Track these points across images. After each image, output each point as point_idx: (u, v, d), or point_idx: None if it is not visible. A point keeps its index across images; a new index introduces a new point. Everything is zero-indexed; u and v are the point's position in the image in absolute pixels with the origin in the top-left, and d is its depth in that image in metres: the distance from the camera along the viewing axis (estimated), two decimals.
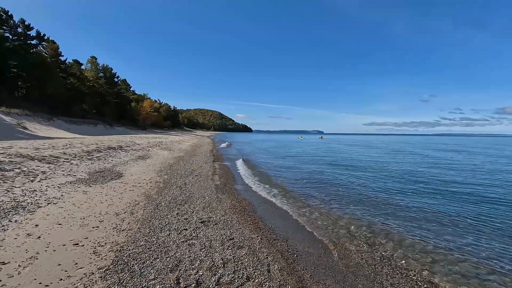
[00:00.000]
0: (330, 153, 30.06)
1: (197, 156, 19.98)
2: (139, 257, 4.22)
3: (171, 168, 13.52)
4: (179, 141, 36.48)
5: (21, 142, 16.01)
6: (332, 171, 15.66)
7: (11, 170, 8.64)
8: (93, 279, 3.53)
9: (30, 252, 4.05)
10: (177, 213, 6.53)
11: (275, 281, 3.82)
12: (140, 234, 5.11)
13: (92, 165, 11.69)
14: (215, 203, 7.59)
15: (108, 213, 6.08)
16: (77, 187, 7.99)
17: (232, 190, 9.74)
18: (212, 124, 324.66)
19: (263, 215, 7.20)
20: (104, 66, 65.37)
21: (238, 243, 5.01)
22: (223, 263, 4.21)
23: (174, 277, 3.73)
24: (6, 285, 3.23)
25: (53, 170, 9.70)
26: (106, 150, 16.40)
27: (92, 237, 4.78)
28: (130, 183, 9.27)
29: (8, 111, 28.98)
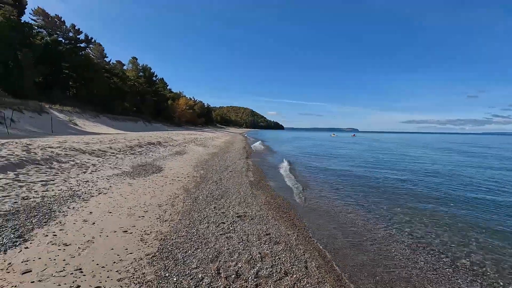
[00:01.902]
0: (366, 151, 28.94)
1: (231, 153, 20.39)
2: (181, 247, 4.45)
3: (206, 163, 13.96)
4: (213, 138, 37.46)
5: (73, 137, 17.55)
6: (363, 169, 15.09)
7: (66, 162, 9.53)
8: (142, 264, 3.80)
9: (87, 237, 4.47)
10: (214, 207, 6.75)
11: (313, 278, 3.81)
12: (181, 225, 5.38)
13: (135, 159, 12.48)
14: (250, 199, 7.72)
15: (151, 204, 6.47)
16: (123, 179, 8.60)
17: (266, 186, 9.83)
18: (244, 121, 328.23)
19: (298, 212, 7.18)
20: (144, 66, 69.08)
21: (275, 239, 5.06)
22: (260, 257, 4.29)
23: (214, 267, 3.89)
24: (70, 264, 3.61)
25: (101, 163, 10.53)
26: (147, 146, 17.38)
27: (139, 226, 5.13)
28: (170, 176, 9.75)
29: (61, 108, 31.88)
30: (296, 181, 11.56)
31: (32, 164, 8.35)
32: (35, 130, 21.23)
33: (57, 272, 3.39)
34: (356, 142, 54.37)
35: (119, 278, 3.42)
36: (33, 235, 4.32)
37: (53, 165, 8.82)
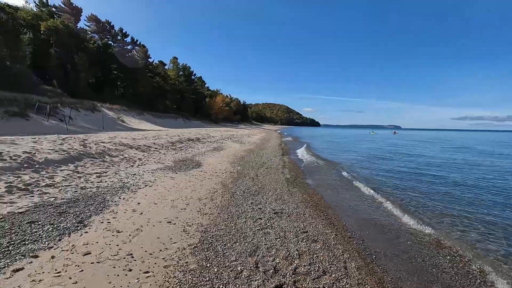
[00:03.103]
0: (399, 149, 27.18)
1: (266, 150, 20.50)
2: (221, 239, 4.62)
3: (243, 160, 14.22)
4: (249, 135, 37.95)
5: (121, 133, 18.97)
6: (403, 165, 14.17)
7: (116, 156, 10.36)
8: (185, 254, 4.03)
9: (136, 225, 4.84)
10: (251, 202, 6.88)
11: (353, 279, 3.72)
12: (220, 219, 5.57)
13: (176, 155, 13.14)
14: (286, 196, 7.72)
15: (192, 198, 6.79)
16: (166, 173, 9.13)
17: (303, 184, 9.74)
18: (279, 118, 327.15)
19: (336, 211, 7.03)
20: (183, 65, 72.08)
21: (312, 237, 5.02)
22: (298, 254, 4.29)
23: (253, 261, 3.98)
24: (122, 249, 3.95)
25: (146, 157, 11.26)
26: (187, 142, 18.19)
27: (181, 217, 5.42)
28: (208, 172, 10.12)
29: (111, 107, 34.59)
30: (334, 179, 11.29)
31: (88, 158, 9.22)
32: (89, 127, 23.34)
33: (112, 256, 3.74)
34: (388, 139, 51.33)
35: (165, 265, 3.67)
36: (91, 221, 4.79)
37: (105, 159, 9.65)
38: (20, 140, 9.84)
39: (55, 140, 10.95)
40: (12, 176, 6.31)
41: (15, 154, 7.56)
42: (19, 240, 3.90)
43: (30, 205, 5.20)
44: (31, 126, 17.38)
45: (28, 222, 4.49)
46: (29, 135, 12.79)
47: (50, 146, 9.39)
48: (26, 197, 5.54)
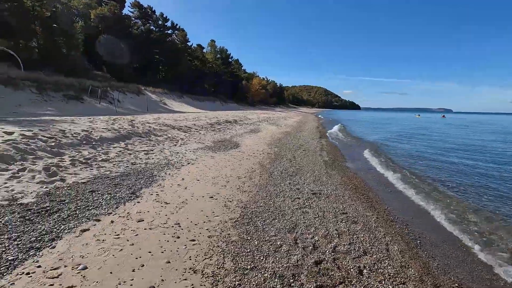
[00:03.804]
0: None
1: (304, 132, 20.23)
2: (260, 216, 4.76)
3: (280, 141, 14.23)
4: (285, 117, 37.64)
5: (164, 114, 19.98)
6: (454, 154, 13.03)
7: (161, 136, 10.99)
8: (227, 226, 4.24)
9: (182, 198, 5.18)
10: (289, 182, 6.92)
11: (396, 261, 3.63)
12: (259, 197, 5.72)
13: (215, 135, 13.56)
14: (325, 178, 7.63)
15: (232, 176, 7.02)
16: (206, 153, 9.51)
17: (342, 167, 9.52)
18: (316, 101, 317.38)
19: (377, 195, 6.80)
20: (221, 48, 72.56)
21: (352, 218, 4.95)
22: (338, 234, 4.28)
23: (292, 237, 4.06)
24: (170, 218, 4.28)
25: (188, 137, 11.80)
26: (224, 123, 18.62)
27: (222, 193, 5.67)
28: (246, 152, 10.32)
29: (153, 90, 36.38)
30: (374, 163, 10.85)
31: (136, 136, 9.92)
32: (135, 109, 24.92)
33: (162, 223, 4.08)
34: (435, 123, 47.21)
35: (209, 235, 3.91)
36: (142, 193, 5.23)
37: (151, 138, 10.31)
38: (78, 120, 10.88)
39: (107, 120, 11.92)
40: (74, 151, 7.07)
41: (76, 132, 8.41)
42: (83, 205, 4.41)
43: (90, 176, 5.81)
44: (85, 108, 19.06)
45: (90, 191, 5.04)
46: (85, 116, 14.06)
47: (104, 125, 10.25)
48: (87, 169, 6.19)
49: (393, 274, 3.32)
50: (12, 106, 14.14)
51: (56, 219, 3.88)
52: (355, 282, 3.09)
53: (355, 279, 3.14)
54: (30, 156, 6.06)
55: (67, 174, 5.73)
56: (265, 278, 3.06)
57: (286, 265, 3.34)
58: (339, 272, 3.26)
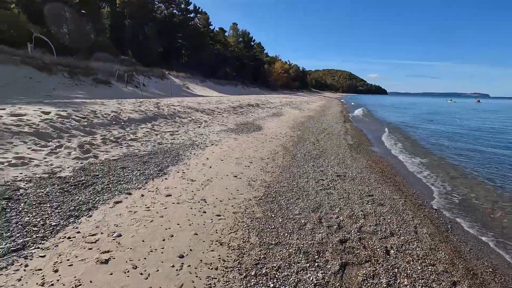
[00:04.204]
0: None
1: (327, 116, 19.79)
2: (284, 195, 4.77)
3: (302, 125, 14.03)
4: (308, 102, 36.94)
5: (187, 98, 20.27)
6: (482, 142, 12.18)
7: (185, 118, 11.20)
8: (251, 204, 4.30)
9: (207, 176, 5.30)
10: (313, 165, 6.84)
11: (424, 243, 3.52)
12: (282, 177, 5.72)
13: (238, 118, 13.61)
14: (349, 161, 7.47)
15: (255, 157, 7.06)
16: (229, 135, 9.59)
17: (368, 151, 9.26)
18: (340, 85, 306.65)
19: (405, 179, 6.59)
20: (243, 31, 71.47)
21: (379, 201, 4.83)
22: (363, 215, 4.21)
23: (316, 216, 4.05)
24: (196, 195, 4.41)
25: (211, 120, 11.93)
26: (247, 107, 18.59)
27: (246, 173, 5.73)
28: (269, 135, 10.29)
29: (177, 74, 36.84)
30: (400, 147, 10.44)
31: (162, 118, 10.18)
32: (159, 93, 25.46)
33: (189, 199, 4.21)
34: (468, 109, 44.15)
35: (234, 211, 3.99)
36: (169, 171, 5.40)
37: (176, 120, 10.53)
38: (108, 102, 11.31)
39: (134, 102, 12.29)
40: (105, 131, 7.39)
41: (106, 113, 8.77)
42: (115, 180, 4.64)
43: (120, 154, 6.08)
44: (113, 92, 19.74)
45: (121, 167, 5.28)
46: (113, 99, 14.59)
47: (131, 107, 10.60)
48: (117, 148, 6.47)
49: (422, 255, 3.23)
50: (48, 90, 14.94)
51: (91, 192, 4.12)
52: (381, 261, 3.04)
53: (382, 259, 3.10)
54: (66, 134, 6.41)
55: (99, 151, 6.03)
56: (290, 253, 3.09)
57: (311, 242, 3.35)
58: (365, 251, 3.23)
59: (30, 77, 14.81)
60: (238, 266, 2.80)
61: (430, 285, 2.71)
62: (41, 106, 7.92)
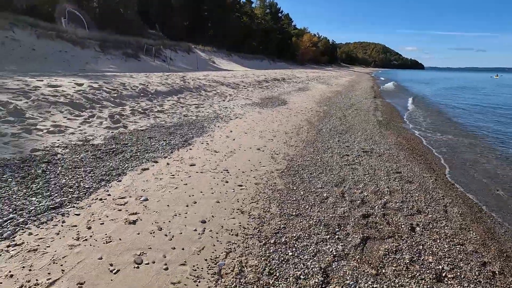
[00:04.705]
0: None
1: (356, 92, 18.92)
2: (306, 169, 4.72)
3: (329, 100, 13.56)
4: (336, 77, 35.43)
5: (213, 72, 20.21)
6: None
7: (210, 91, 11.23)
8: (273, 176, 4.30)
9: (230, 148, 5.35)
10: (338, 140, 6.65)
11: (454, 223, 3.35)
12: (306, 152, 5.63)
13: (263, 93, 13.41)
14: (377, 137, 7.15)
15: (278, 131, 6.98)
16: (253, 108, 9.51)
17: (398, 127, 8.80)
18: (373, 60, 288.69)
19: (437, 158, 6.23)
20: (270, 2, 68.47)
21: (407, 178, 4.62)
22: (389, 191, 4.06)
23: (339, 191, 3.97)
24: (219, 165, 4.48)
25: (236, 94, 11.87)
26: (272, 81, 18.21)
27: (269, 146, 5.70)
28: (294, 109, 10.08)
29: (203, 48, 36.61)
30: (435, 125, 9.81)
31: (187, 91, 10.29)
32: (185, 67, 25.60)
33: (212, 169, 4.30)
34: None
35: (256, 182, 4.02)
36: (194, 142, 5.52)
37: (201, 93, 10.60)
38: (136, 75, 11.58)
39: (161, 76, 12.48)
40: (134, 102, 7.63)
41: (134, 85, 9.00)
42: (143, 149, 4.83)
43: (148, 125, 6.28)
44: (141, 65, 20.14)
45: (148, 137, 5.47)
46: (141, 73, 14.91)
47: (158, 80, 10.78)
48: (145, 119, 6.68)
49: (450, 234, 3.09)
50: (81, 64, 15.56)
51: (121, 159, 4.33)
52: (405, 238, 2.95)
53: (406, 235, 3.00)
54: (97, 105, 6.71)
55: (128, 122, 6.27)
56: (310, 225, 3.09)
57: (332, 215, 3.31)
58: (389, 227, 3.14)
59: (65, 51, 15.44)
60: (258, 234, 2.85)
61: (457, 264, 2.60)
62: (75, 78, 8.28)
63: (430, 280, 2.36)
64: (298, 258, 2.55)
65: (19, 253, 2.25)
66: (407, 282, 2.33)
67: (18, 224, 2.56)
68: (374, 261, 2.57)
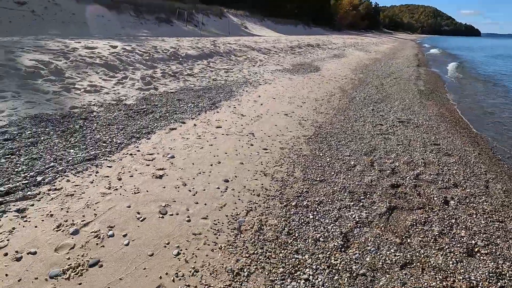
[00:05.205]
0: None
1: (397, 59, 17.42)
2: (335, 136, 4.53)
3: (366, 68, 12.66)
4: (376, 43, 32.77)
5: (244, 37, 19.62)
6: None
7: (241, 56, 10.97)
8: (300, 142, 4.20)
9: (257, 113, 5.27)
10: (372, 109, 6.26)
11: (496, 199, 3.07)
12: (335, 119, 5.39)
13: (295, 59, 12.85)
14: (417, 107, 6.62)
15: (308, 98, 6.71)
16: (284, 74, 9.18)
17: (441, 98, 8.05)
18: (420, 25, 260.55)
19: (483, 131, 5.66)
20: None
21: (445, 150, 4.27)
22: (424, 163, 3.79)
23: (368, 159, 3.79)
24: (245, 128, 4.46)
25: (266, 59, 11.49)
26: (306, 47, 17.32)
27: (297, 113, 5.53)
28: (327, 76, 9.57)
29: (235, 13, 35.37)
30: (486, 97, 8.82)
31: (217, 56, 10.14)
32: (217, 32, 25.08)
33: (238, 132, 4.29)
34: None
35: (281, 147, 3.96)
36: (221, 105, 5.50)
37: (231, 58, 10.39)
38: (167, 39, 11.58)
39: (192, 40, 12.36)
40: (164, 65, 7.70)
41: (165, 48, 9.03)
42: (172, 110, 4.92)
43: (177, 88, 6.34)
44: (174, 30, 20.08)
45: (177, 99, 5.55)
46: (174, 37, 14.88)
47: (189, 44, 10.70)
48: (174, 82, 6.75)
49: (490, 211, 2.84)
50: (117, 29, 15.86)
51: (150, 118, 4.47)
52: (437, 210, 2.77)
53: (438, 208, 2.81)
54: (130, 67, 6.86)
55: (159, 84, 6.38)
56: (334, 191, 3.01)
57: (358, 183, 3.19)
58: (419, 198, 2.96)
59: (102, 16, 15.76)
60: (279, 196, 2.84)
61: (493, 241, 2.41)
62: (109, 41, 8.48)
63: (460, 254, 2.22)
64: (319, 221, 2.52)
65: (58, 196, 2.46)
66: (433, 253, 2.21)
67: (58, 172, 2.79)
68: (399, 230, 2.47)
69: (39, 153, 3.08)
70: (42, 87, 4.79)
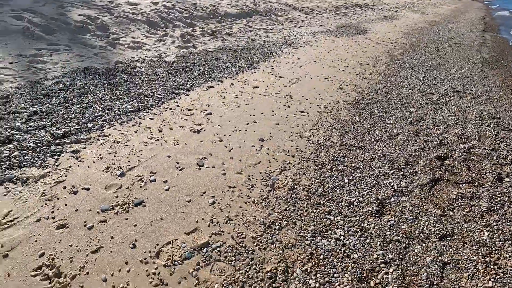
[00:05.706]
0: None
1: (459, 23, 15.33)
2: (378, 103, 4.24)
3: (421, 32, 11.34)
4: (436, 4, 28.88)
5: None
6: None
7: (281, 16, 10.38)
8: (339, 106, 4.00)
9: (295, 75, 5.06)
10: (423, 76, 5.69)
11: None
12: (380, 86, 5.01)
13: (340, 20, 11.88)
14: (477, 77, 5.89)
15: (352, 62, 6.26)
16: (326, 36, 8.58)
17: (509, 68, 7.04)
18: None
19: None
20: None
21: (506, 125, 3.82)
22: (478, 136, 3.44)
23: (414, 129, 3.53)
24: (283, 90, 4.33)
25: (309, 20, 10.76)
26: (353, 7, 15.84)
27: (339, 77, 5.21)
28: (374, 40, 8.78)
29: None
30: None
31: (257, 15, 9.69)
32: None
33: (275, 93, 4.19)
34: None
35: (319, 110, 3.81)
36: (259, 66, 5.35)
37: (272, 18, 9.88)
38: None
39: None
40: (203, 23, 7.56)
41: (205, 6, 8.80)
42: (210, 69, 4.91)
43: (216, 47, 6.25)
44: None
45: (215, 58, 5.49)
46: None
47: (228, 2, 10.29)
48: (213, 41, 6.64)
49: None
50: None
51: (189, 76, 4.50)
52: (488, 186, 2.55)
53: (489, 184, 2.58)
54: (171, 24, 6.84)
55: (198, 42, 6.32)
56: (373, 158, 2.88)
57: (400, 152, 3.01)
58: (468, 173, 2.73)
59: None
60: (314, 159, 2.79)
61: None
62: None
63: (510, 233, 2.05)
64: (354, 186, 2.46)
65: (106, 142, 2.65)
66: (478, 229, 2.07)
67: (106, 120, 2.98)
68: (441, 202, 2.33)
69: (89, 103, 3.30)
70: (90, 42, 5.00)
